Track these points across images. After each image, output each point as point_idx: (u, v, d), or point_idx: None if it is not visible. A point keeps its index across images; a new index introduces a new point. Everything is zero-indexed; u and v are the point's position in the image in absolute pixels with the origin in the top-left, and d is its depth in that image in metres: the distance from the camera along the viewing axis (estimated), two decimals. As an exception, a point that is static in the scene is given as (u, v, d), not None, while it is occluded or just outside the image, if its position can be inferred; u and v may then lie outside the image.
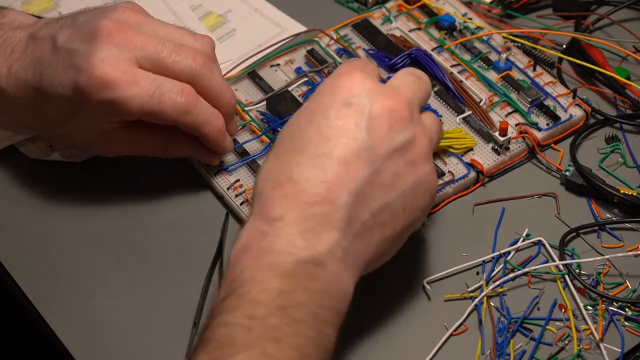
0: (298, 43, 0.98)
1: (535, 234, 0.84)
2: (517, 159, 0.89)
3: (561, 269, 0.81)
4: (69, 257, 0.84)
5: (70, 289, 0.82)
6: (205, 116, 0.83)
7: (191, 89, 0.82)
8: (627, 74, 0.94)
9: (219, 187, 0.87)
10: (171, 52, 0.82)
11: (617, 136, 0.91)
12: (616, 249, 0.83)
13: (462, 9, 1.00)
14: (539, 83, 0.93)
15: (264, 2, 1.03)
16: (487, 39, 0.97)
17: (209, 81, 0.83)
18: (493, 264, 0.82)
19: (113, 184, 0.88)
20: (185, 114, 0.81)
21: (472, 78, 0.94)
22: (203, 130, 0.83)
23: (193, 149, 0.86)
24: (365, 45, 0.98)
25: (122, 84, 0.79)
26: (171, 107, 0.80)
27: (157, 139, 0.85)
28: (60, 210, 0.87)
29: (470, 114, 0.91)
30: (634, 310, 0.79)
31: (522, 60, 0.96)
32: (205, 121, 0.83)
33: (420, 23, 0.99)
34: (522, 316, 0.78)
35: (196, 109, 0.82)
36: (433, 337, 0.78)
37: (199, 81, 0.82)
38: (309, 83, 0.95)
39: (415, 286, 0.81)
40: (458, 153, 0.88)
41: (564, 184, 0.87)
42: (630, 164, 0.89)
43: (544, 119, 0.91)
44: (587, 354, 0.77)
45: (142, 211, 0.86)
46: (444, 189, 0.86)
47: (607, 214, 0.86)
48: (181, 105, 0.81)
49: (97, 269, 0.83)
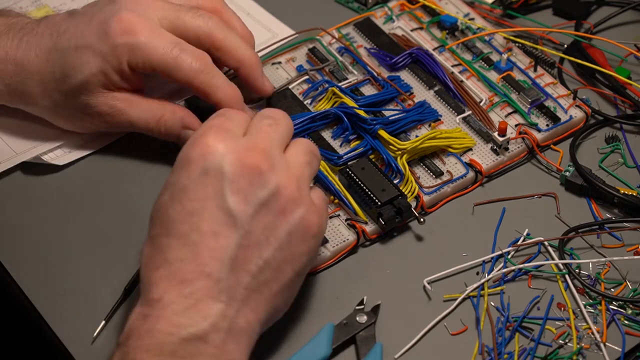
0: (300, 41, 0.98)
1: (535, 234, 0.84)
2: (516, 160, 0.89)
3: (561, 269, 0.81)
4: (69, 257, 0.84)
5: (70, 288, 0.82)
6: (218, 81, 0.85)
7: (207, 57, 0.85)
8: (628, 74, 0.94)
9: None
10: (188, 10, 0.86)
11: (617, 136, 0.91)
12: (616, 249, 0.83)
13: (464, 9, 1.01)
14: (539, 84, 0.93)
15: (257, 6, 1.03)
16: (488, 39, 0.97)
17: (226, 37, 0.86)
18: (492, 263, 0.82)
19: (113, 184, 0.88)
20: (200, 73, 0.84)
21: (472, 78, 0.94)
22: (217, 95, 0.85)
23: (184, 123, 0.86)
24: (367, 44, 0.98)
25: (147, 33, 0.83)
26: (188, 66, 0.83)
27: (154, 105, 0.86)
28: (60, 211, 0.87)
29: (470, 114, 0.91)
30: (634, 310, 0.79)
31: (523, 60, 0.96)
32: (219, 86, 0.85)
33: (422, 23, 1.00)
34: (522, 316, 0.78)
35: (210, 73, 0.84)
36: (433, 337, 0.78)
37: (216, 36, 0.86)
38: (310, 81, 0.95)
39: (415, 286, 0.81)
40: (457, 153, 0.88)
41: (563, 184, 0.88)
42: (630, 164, 0.89)
43: (544, 120, 0.91)
44: (587, 353, 0.77)
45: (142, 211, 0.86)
46: (442, 189, 0.86)
47: (607, 214, 0.86)
48: (196, 66, 0.83)
49: (97, 268, 0.83)
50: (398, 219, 0.84)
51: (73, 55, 0.84)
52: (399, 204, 0.83)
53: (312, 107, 0.93)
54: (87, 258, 0.84)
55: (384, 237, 0.85)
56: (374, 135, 0.88)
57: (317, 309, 0.80)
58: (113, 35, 0.83)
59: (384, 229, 0.84)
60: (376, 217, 0.83)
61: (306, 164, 0.76)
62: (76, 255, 0.84)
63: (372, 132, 0.88)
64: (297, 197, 0.73)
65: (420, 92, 0.94)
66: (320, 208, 0.76)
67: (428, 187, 0.86)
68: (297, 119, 0.89)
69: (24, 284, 0.82)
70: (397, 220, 0.84)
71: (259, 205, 0.72)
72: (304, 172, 0.75)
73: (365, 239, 0.84)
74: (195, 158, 0.73)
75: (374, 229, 0.84)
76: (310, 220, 0.74)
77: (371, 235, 0.84)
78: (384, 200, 0.83)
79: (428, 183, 0.87)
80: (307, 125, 0.90)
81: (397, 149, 0.87)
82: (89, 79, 0.84)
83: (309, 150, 0.77)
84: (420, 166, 0.88)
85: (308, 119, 0.90)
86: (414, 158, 0.88)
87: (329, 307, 0.80)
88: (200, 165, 0.72)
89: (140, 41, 0.83)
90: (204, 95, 0.85)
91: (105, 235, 0.85)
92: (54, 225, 0.86)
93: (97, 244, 0.84)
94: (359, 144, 0.89)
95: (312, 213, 0.74)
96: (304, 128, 0.90)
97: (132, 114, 0.86)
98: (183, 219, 0.71)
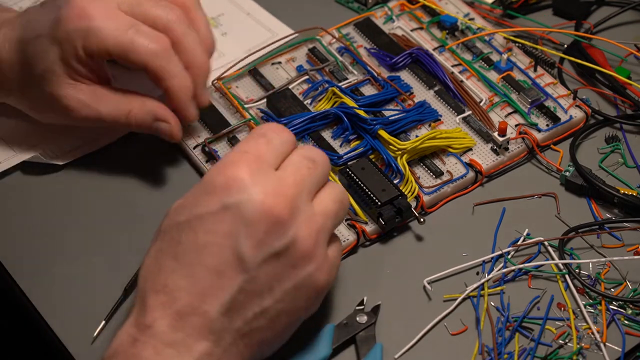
0: (300, 41, 0.98)
1: (535, 234, 0.84)
2: (516, 160, 0.89)
3: (561, 269, 0.81)
4: (69, 257, 0.84)
5: (70, 288, 0.82)
6: (174, 68, 0.83)
7: (166, 40, 0.83)
8: (628, 74, 0.94)
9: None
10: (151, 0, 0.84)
11: (617, 136, 0.91)
12: (616, 249, 0.83)
13: (464, 9, 1.01)
14: (539, 84, 0.93)
15: (257, 5, 1.03)
16: (488, 39, 0.97)
17: (184, 34, 0.84)
18: (492, 263, 0.82)
19: (113, 183, 0.88)
20: (155, 57, 0.82)
21: (472, 78, 0.94)
22: (170, 81, 0.83)
23: (155, 116, 0.85)
24: (367, 44, 0.98)
25: (100, 16, 0.82)
26: (143, 48, 0.82)
27: (122, 98, 0.85)
28: (60, 210, 0.87)
29: (470, 114, 0.91)
30: (634, 310, 0.79)
31: (523, 60, 0.96)
32: (173, 73, 0.83)
33: (422, 23, 1.00)
34: (522, 316, 0.78)
35: (167, 57, 0.83)
36: (433, 337, 0.78)
37: (173, 31, 0.84)
38: (310, 81, 0.95)
39: (415, 286, 0.81)
40: (457, 153, 0.88)
41: (563, 184, 0.88)
42: (630, 164, 0.89)
43: (544, 120, 0.91)
44: (587, 353, 0.77)
45: (142, 210, 0.87)
46: (442, 189, 0.86)
47: (607, 214, 0.86)
48: (153, 48, 0.82)
49: (97, 268, 0.83)
50: (398, 219, 0.84)
51: (34, 44, 0.84)
52: (399, 204, 0.83)
53: (312, 107, 0.93)
54: (87, 258, 0.84)
55: (384, 237, 0.85)
56: (374, 135, 0.88)
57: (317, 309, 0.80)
58: (66, 21, 0.82)
59: (384, 229, 0.84)
60: (376, 217, 0.83)
61: (332, 215, 0.73)
62: (76, 255, 0.84)
63: (372, 132, 0.88)
64: (311, 252, 0.71)
65: (420, 92, 0.94)
66: (332, 265, 0.74)
67: (428, 187, 0.86)
68: (297, 119, 0.90)
69: (24, 284, 0.82)
70: (397, 220, 0.84)
71: (271, 255, 0.70)
72: (326, 223, 0.73)
73: (365, 239, 0.84)
74: (219, 187, 0.70)
75: (374, 229, 0.84)
76: (319, 278, 0.72)
77: (371, 235, 0.84)
78: (384, 200, 0.83)
79: (428, 183, 0.87)
80: (307, 125, 0.90)
81: (397, 149, 0.87)
82: (49, 66, 0.83)
83: (339, 199, 0.74)
84: (420, 166, 0.88)
85: (308, 119, 0.90)
86: (414, 158, 0.88)
87: (329, 307, 0.80)
88: (223, 197, 0.70)
89: (93, 25, 0.82)
90: (157, 80, 0.83)
91: (105, 235, 0.85)
92: (54, 225, 0.86)
93: (97, 244, 0.84)
94: (359, 144, 0.89)
95: (323, 272, 0.72)
96: (304, 128, 0.90)
97: (99, 107, 0.85)
98: (193, 249, 0.70)
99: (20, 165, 0.89)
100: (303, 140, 0.90)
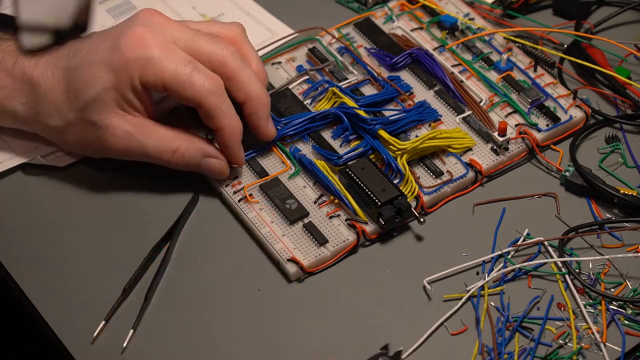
0: (300, 41, 0.98)
1: (535, 234, 0.84)
2: (516, 160, 0.89)
3: (561, 269, 0.81)
4: (68, 257, 0.84)
5: (70, 288, 0.82)
6: (227, 108, 0.84)
7: (221, 80, 0.84)
8: (628, 74, 0.94)
9: (217, 184, 0.87)
10: (205, 35, 0.85)
11: (617, 136, 0.91)
12: (616, 249, 0.83)
13: (464, 9, 1.01)
14: (539, 84, 0.93)
15: (257, 5, 1.03)
16: (488, 39, 0.97)
17: (239, 69, 0.85)
18: (492, 263, 0.82)
19: (113, 185, 0.88)
20: (211, 94, 0.83)
21: (472, 78, 0.94)
22: (222, 120, 0.84)
23: (205, 153, 0.85)
24: (367, 44, 0.98)
25: (160, 49, 0.83)
26: (200, 84, 0.82)
27: (170, 134, 0.85)
28: (60, 211, 0.87)
29: (470, 114, 0.91)
30: (634, 310, 0.79)
31: (523, 60, 0.96)
32: (227, 113, 0.84)
33: (422, 23, 1.00)
34: (522, 316, 0.78)
35: (221, 96, 0.83)
36: (433, 337, 0.78)
37: (228, 65, 0.84)
38: (310, 81, 0.95)
39: (415, 286, 0.81)
40: (457, 153, 0.88)
41: (563, 184, 0.88)
42: (630, 164, 0.89)
43: (544, 120, 0.91)
44: (587, 353, 0.77)
45: (143, 211, 0.87)
46: (442, 189, 0.86)
47: (607, 214, 0.86)
48: (209, 86, 0.83)
49: (97, 268, 0.83)
50: (398, 219, 0.84)
51: (86, 70, 0.83)
52: (399, 204, 0.83)
53: (312, 107, 0.93)
54: (87, 258, 0.84)
55: (384, 237, 0.85)
56: (374, 135, 0.88)
57: (318, 309, 0.80)
58: (125, 49, 0.82)
59: (384, 229, 0.84)
60: (376, 217, 0.83)
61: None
62: (76, 255, 0.84)
63: (372, 132, 0.88)
64: None
65: (420, 92, 0.94)
66: None
67: (428, 187, 0.86)
68: (297, 119, 0.90)
69: (24, 284, 0.82)
70: (397, 220, 0.84)
71: None
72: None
73: (365, 239, 0.84)
74: None
75: (374, 229, 0.84)
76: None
77: (371, 235, 0.84)
78: (384, 200, 0.83)
79: (428, 183, 0.87)
80: (307, 125, 0.90)
81: (397, 149, 0.87)
82: (101, 94, 0.83)
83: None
84: (420, 166, 0.88)
85: (308, 119, 0.90)
86: (414, 158, 0.88)
87: (329, 308, 0.80)
88: None
89: (152, 55, 0.82)
90: (209, 118, 0.84)
91: (105, 236, 0.85)
92: (54, 226, 0.86)
93: (96, 244, 0.84)
94: (359, 144, 0.89)
95: None
96: (303, 128, 0.90)
97: (146, 142, 0.84)
98: None
99: (20, 165, 0.89)
100: (303, 140, 0.90)
